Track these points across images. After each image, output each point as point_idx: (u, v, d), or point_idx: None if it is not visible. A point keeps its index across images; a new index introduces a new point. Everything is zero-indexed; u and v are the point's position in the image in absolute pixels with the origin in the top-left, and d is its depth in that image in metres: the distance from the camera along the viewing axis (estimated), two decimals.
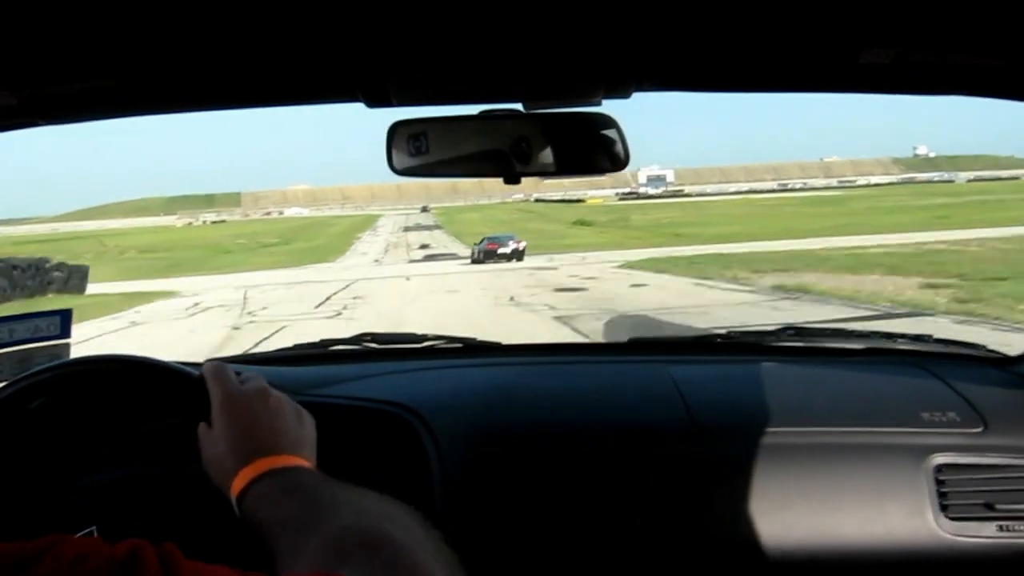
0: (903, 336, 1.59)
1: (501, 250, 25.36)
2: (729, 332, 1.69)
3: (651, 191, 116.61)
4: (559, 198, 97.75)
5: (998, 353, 1.52)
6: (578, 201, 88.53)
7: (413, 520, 0.63)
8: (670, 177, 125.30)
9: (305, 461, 0.74)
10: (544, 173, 1.08)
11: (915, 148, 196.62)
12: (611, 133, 1.07)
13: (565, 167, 1.08)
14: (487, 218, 58.57)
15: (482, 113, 1.06)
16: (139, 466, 0.94)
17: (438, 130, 1.07)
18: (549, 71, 1.04)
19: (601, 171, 1.10)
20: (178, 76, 1.03)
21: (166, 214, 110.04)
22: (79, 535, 0.75)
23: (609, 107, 1.08)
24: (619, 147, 1.07)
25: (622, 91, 1.08)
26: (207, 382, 0.82)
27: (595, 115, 1.08)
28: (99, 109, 1.13)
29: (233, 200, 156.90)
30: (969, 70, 1.05)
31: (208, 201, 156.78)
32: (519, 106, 1.07)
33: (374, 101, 1.07)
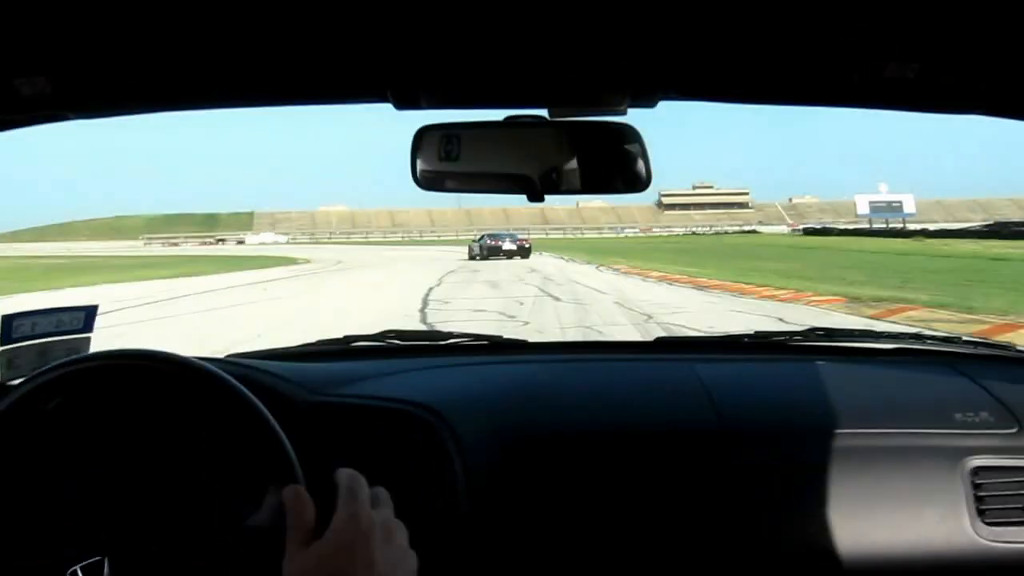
0: (932, 336, 1.59)
1: (506, 247, 27.76)
2: (756, 332, 1.66)
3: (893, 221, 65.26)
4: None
5: None
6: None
7: None
8: (908, 205, 73.33)
9: None
10: (569, 191, 1.08)
11: None
12: (634, 148, 1.05)
13: (591, 186, 1.08)
14: None
15: (508, 119, 1.06)
16: (152, 472, 0.91)
17: (465, 140, 1.07)
18: (575, 77, 1.04)
19: (626, 191, 1.09)
20: (212, 72, 1.04)
21: (142, 237, 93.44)
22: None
23: (635, 117, 1.04)
24: (641, 166, 1.06)
25: (647, 99, 1.08)
26: (339, 489, 0.70)
27: (620, 127, 1.06)
28: (133, 102, 1.12)
29: (243, 222, 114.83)
30: (995, 87, 1.02)
31: (210, 222, 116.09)
32: (545, 112, 1.07)
33: (403, 102, 1.07)
